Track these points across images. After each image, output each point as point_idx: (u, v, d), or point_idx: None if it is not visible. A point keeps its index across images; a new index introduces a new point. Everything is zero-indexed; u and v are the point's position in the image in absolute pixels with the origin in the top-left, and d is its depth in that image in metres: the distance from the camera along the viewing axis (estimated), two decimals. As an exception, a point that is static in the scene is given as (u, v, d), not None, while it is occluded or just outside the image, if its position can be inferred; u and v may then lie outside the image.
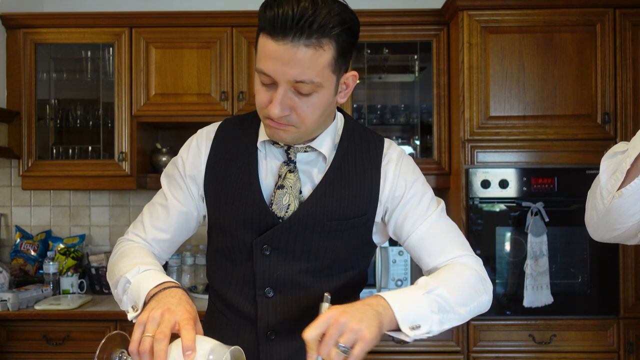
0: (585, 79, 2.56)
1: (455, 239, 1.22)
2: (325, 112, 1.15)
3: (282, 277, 1.20)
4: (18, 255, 3.03)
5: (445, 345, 2.54)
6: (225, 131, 1.27)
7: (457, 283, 1.12)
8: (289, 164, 1.21)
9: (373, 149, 1.25)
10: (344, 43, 1.08)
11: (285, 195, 1.19)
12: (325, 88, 1.10)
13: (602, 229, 1.15)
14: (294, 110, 1.10)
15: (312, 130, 1.17)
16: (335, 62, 1.09)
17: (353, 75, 1.17)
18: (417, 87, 3.02)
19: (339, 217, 1.19)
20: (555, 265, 2.52)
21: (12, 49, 2.88)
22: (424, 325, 1.03)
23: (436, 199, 1.26)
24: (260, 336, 1.21)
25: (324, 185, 1.19)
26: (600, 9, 2.55)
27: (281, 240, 1.18)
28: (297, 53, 1.04)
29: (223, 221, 1.23)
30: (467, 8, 2.56)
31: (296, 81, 1.06)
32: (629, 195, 1.03)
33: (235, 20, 2.82)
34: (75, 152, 2.94)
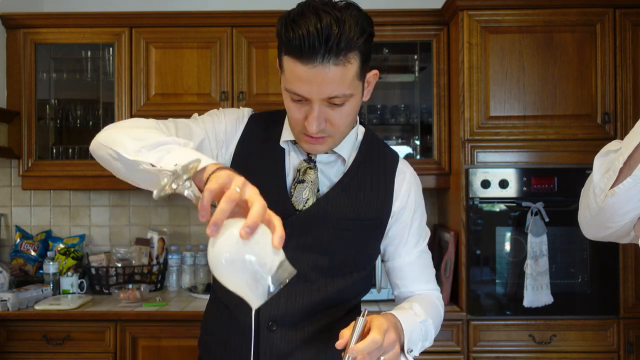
0: (585, 79, 2.56)
1: (431, 272, 1.36)
2: (355, 113, 1.19)
3: None
4: (18, 255, 3.03)
5: (445, 345, 2.54)
6: (258, 119, 1.32)
7: (436, 315, 1.28)
8: (309, 162, 1.26)
9: (389, 161, 1.31)
10: (367, 50, 1.12)
11: (306, 189, 1.23)
12: (355, 95, 1.14)
13: (595, 228, 1.15)
14: (329, 121, 1.14)
15: (346, 133, 1.23)
16: (361, 70, 1.13)
17: (374, 74, 1.20)
18: (417, 87, 3.02)
19: (353, 218, 1.23)
20: (555, 265, 2.52)
21: (12, 49, 2.88)
22: (415, 350, 1.17)
23: (426, 228, 1.37)
24: (261, 326, 1.22)
25: (341, 185, 1.24)
26: (600, 9, 2.55)
27: (294, 232, 1.20)
28: (329, 73, 1.06)
29: None
30: (467, 8, 2.56)
31: (329, 97, 1.10)
32: (622, 194, 1.03)
33: (235, 20, 2.82)
34: (75, 152, 2.94)
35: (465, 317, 2.53)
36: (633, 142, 1.00)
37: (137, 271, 2.90)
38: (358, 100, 1.17)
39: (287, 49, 1.08)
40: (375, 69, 1.20)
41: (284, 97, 1.16)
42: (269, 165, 1.26)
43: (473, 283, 2.55)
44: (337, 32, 1.04)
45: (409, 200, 1.30)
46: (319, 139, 1.17)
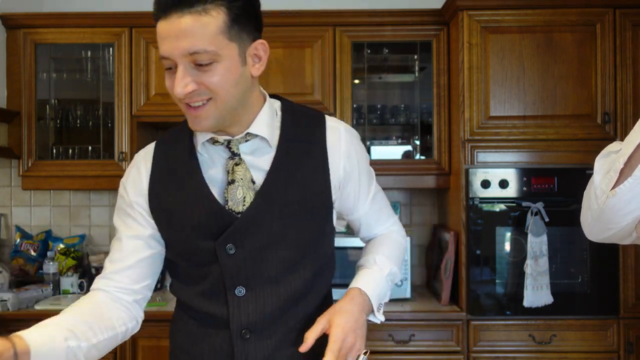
0: (585, 79, 2.56)
1: (387, 208, 1.39)
2: (238, 83, 1.10)
3: (251, 273, 1.17)
4: (18, 255, 3.03)
5: (445, 345, 2.54)
6: (162, 147, 1.25)
7: (399, 253, 1.35)
8: (233, 157, 1.18)
9: (315, 125, 1.24)
10: (237, 9, 1.06)
11: (238, 188, 1.16)
12: (225, 57, 1.06)
13: (597, 229, 1.14)
14: (201, 84, 1.07)
15: (232, 105, 1.12)
16: (229, 29, 1.06)
17: (261, 44, 1.13)
18: (417, 87, 3.02)
19: (296, 200, 1.18)
20: (555, 265, 2.52)
21: (12, 49, 2.88)
22: (384, 302, 1.26)
23: (371, 170, 1.35)
24: (234, 337, 1.18)
25: (274, 170, 1.18)
26: (600, 9, 2.55)
27: (244, 235, 1.16)
28: (182, 23, 1.03)
29: (179, 233, 1.20)
30: (467, 8, 2.56)
31: (190, 53, 1.04)
32: (623, 195, 1.03)
33: (235, 20, 2.82)
34: (75, 152, 2.94)
35: (465, 317, 2.53)
36: (633, 143, 1.00)
37: (137, 271, 2.89)
38: (234, 66, 1.08)
39: (156, 12, 1.06)
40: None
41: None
42: (189, 182, 1.18)
43: (473, 283, 2.55)
44: None
45: (351, 156, 1.25)
46: (199, 108, 1.09)
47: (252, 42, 1.12)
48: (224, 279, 1.17)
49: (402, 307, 2.60)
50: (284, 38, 2.83)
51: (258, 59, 1.14)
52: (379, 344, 2.53)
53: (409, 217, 3.20)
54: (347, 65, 2.81)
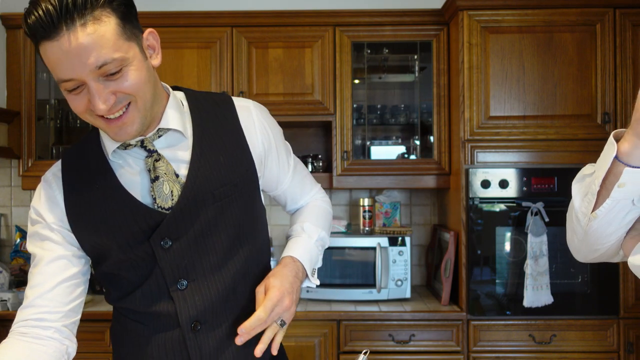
0: (585, 79, 2.56)
1: (308, 179, 1.43)
2: (149, 79, 1.08)
3: (191, 264, 1.16)
4: (18, 255, 3.03)
5: (445, 345, 2.54)
6: (70, 163, 1.20)
7: (326, 219, 1.40)
8: (151, 155, 1.15)
9: (225, 107, 1.23)
10: (120, 7, 1.02)
11: (164, 183, 1.14)
12: (131, 58, 1.03)
13: (584, 251, 1.17)
14: (118, 92, 1.03)
15: (151, 102, 1.09)
16: (124, 30, 1.02)
17: (150, 33, 1.10)
18: (417, 87, 3.02)
19: (225, 183, 1.17)
20: (555, 265, 2.52)
21: (12, 49, 2.88)
22: (316, 267, 1.32)
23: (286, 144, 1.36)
24: (185, 330, 1.16)
25: (196, 159, 1.16)
26: (600, 9, 2.55)
27: (177, 229, 1.14)
28: (80, 39, 0.96)
29: (109, 243, 1.16)
30: (467, 8, 2.56)
31: (98, 67, 0.99)
32: (603, 216, 1.05)
33: (235, 20, 2.82)
34: (75, 152, 2.93)
35: (465, 317, 2.53)
36: (605, 166, 1.01)
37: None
38: (141, 64, 1.05)
39: (35, 36, 0.98)
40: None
41: (63, 94, 1.04)
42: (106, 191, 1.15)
43: (473, 283, 2.55)
44: None
45: (267, 132, 1.26)
46: (122, 116, 1.05)
47: (143, 33, 1.09)
48: (164, 276, 1.16)
49: (402, 307, 2.60)
50: (284, 38, 2.83)
51: (152, 49, 1.11)
52: (379, 344, 2.53)
53: (409, 217, 3.20)
54: (347, 65, 2.81)
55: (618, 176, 0.99)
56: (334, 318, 2.54)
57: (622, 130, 1.01)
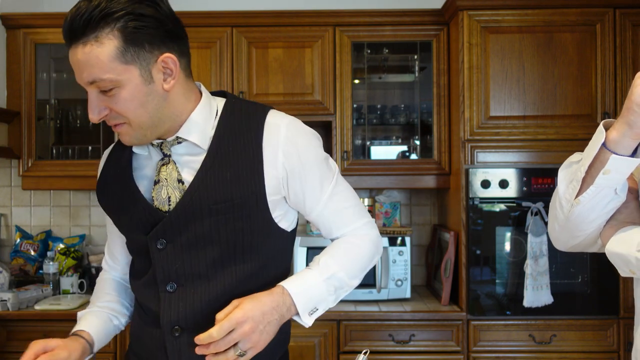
0: (585, 79, 2.56)
1: (352, 209, 1.28)
2: (146, 103, 1.11)
3: (181, 269, 1.18)
4: (18, 255, 3.03)
5: (445, 345, 2.54)
6: (114, 148, 1.32)
7: (354, 259, 1.24)
8: (163, 158, 1.20)
9: (254, 122, 1.20)
10: (132, 29, 1.05)
11: (162, 188, 1.18)
12: (125, 82, 1.07)
13: (564, 237, 1.18)
14: (112, 109, 1.11)
15: (148, 124, 1.13)
16: (124, 54, 1.05)
17: (169, 58, 1.11)
18: (417, 87, 3.02)
19: (225, 200, 1.16)
20: (555, 265, 2.52)
21: (12, 49, 2.88)
22: (321, 307, 1.20)
23: (330, 164, 1.27)
24: (165, 333, 1.19)
25: (203, 170, 1.17)
26: (600, 9, 2.55)
27: (172, 232, 1.17)
28: (78, 54, 1.06)
29: (121, 228, 1.29)
30: (467, 8, 2.56)
31: (90, 82, 1.07)
32: (586, 203, 1.07)
33: (235, 20, 2.82)
34: (75, 152, 2.94)
35: (465, 317, 2.53)
36: (592, 152, 1.05)
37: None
38: (136, 88, 1.08)
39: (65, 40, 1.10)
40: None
41: None
42: (121, 182, 1.24)
43: (473, 283, 2.55)
44: (83, 11, 1.03)
45: (290, 154, 1.19)
46: (117, 126, 1.14)
47: (159, 57, 1.10)
48: (156, 275, 1.20)
49: (402, 307, 2.60)
50: (284, 38, 2.83)
51: (170, 72, 1.12)
52: (379, 344, 2.53)
53: (409, 217, 3.20)
54: (347, 65, 2.81)
55: (604, 163, 1.02)
56: (333, 318, 2.54)
57: (611, 120, 1.05)
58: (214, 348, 1.06)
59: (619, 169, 1.02)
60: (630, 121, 0.98)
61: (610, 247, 1.08)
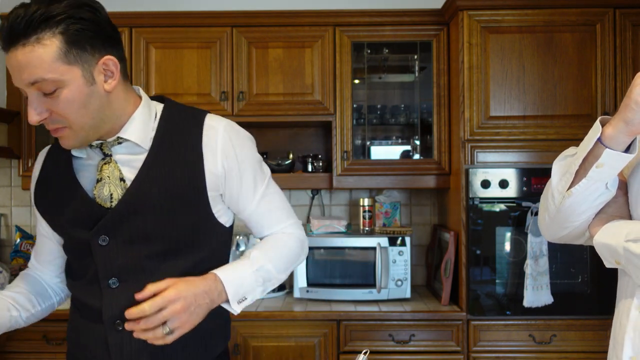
0: (585, 79, 2.56)
1: (281, 210, 1.37)
2: (88, 104, 1.15)
3: (124, 265, 1.22)
4: (18, 255, 3.03)
5: (445, 345, 2.54)
6: (50, 150, 1.34)
7: (282, 254, 1.32)
8: (104, 157, 1.24)
9: (193, 125, 1.27)
10: (74, 32, 1.09)
11: (105, 185, 1.22)
12: (68, 81, 1.11)
13: (553, 228, 1.22)
14: (52, 111, 1.13)
15: (89, 127, 1.17)
16: (66, 54, 1.09)
17: (109, 59, 1.16)
18: (417, 87, 3.02)
19: (167, 196, 1.21)
20: (555, 265, 2.52)
21: (12, 49, 2.88)
22: (249, 297, 1.25)
23: (263, 166, 1.36)
24: (107, 328, 1.22)
25: (145, 168, 1.22)
26: (600, 9, 2.55)
27: (115, 228, 1.21)
28: (19, 56, 1.08)
29: (60, 226, 1.29)
30: (467, 8, 2.56)
31: (31, 83, 1.09)
32: (578, 194, 1.11)
33: (235, 20, 2.82)
34: (75, 152, 2.93)
35: (465, 317, 2.53)
36: (587, 147, 1.07)
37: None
38: (79, 89, 1.12)
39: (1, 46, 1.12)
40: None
41: None
42: (63, 179, 1.27)
43: (473, 283, 2.55)
44: (22, 15, 1.06)
45: (230, 155, 1.27)
46: (57, 130, 1.16)
47: (100, 59, 1.15)
48: (97, 270, 1.23)
49: (402, 307, 2.60)
50: (284, 38, 2.83)
51: (111, 73, 1.17)
52: (379, 344, 2.53)
53: (409, 217, 3.20)
54: (347, 65, 2.82)
55: (598, 158, 1.05)
56: (334, 318, 2.54)
57: (607, 117, 1.08)
58: (144, 324, 1.09)
59: (611, 164, 1.05)
60: (627, 118, 1.02)
61: (599, 238, 1.11)
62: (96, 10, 1.14)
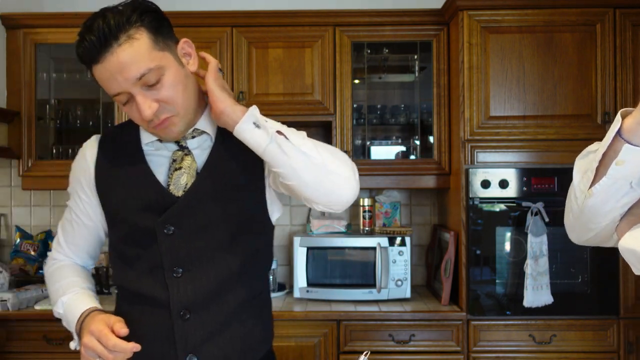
0: (585, 79, 2.56)
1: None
2: (187, 87, 1.21)
3: (188, 254, 1.24)
4: (18, 255, 3.02)
5: (445, 345, 2.54)
6: (107, 137, 1.36)
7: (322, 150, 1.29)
8: (182, 149, 1.28)
9: None
10: (151, 22, 1.17)
11: (183, 175, 1.26)
12: (167, 67, 1.17)
13: (579, 230, 1.14)
14: (161, 101, 1.17)
15: (192, 110, 1.24)
16: (156, 42, 1.16)
17: (184, 42, 1.25)
18: (417, 87, 3.02)
19: (232, 187, 1.26)
20: (555, 265, 2.52)
21: (12, 49, 2.88)
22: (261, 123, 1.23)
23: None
24: (174, 317, 1.23)
25: (212, 159, 1.27)
26: (600, 9, 2.55)
27: (182, 217, 1.24)
28: (119, 57, 1.12)
29: (123, 214, 1.28)
30: (467, 8, 2.56)
31: (138, 78, 1.13)
32: (599, 194, 1.01)
33: (235, 20, 2.82)
34: (75, 152, 2.90)
35: (465, 317, 2.53)
36: (606, 141, 0.98)
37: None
38: (177, 71, 1.19)
39: (86, 63, 1.15)
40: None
41: (121, 108, 1.23)
42: (133, 166, 1.28)
43: (473, 283, 2.55)
44: (103, 24, 1.11)
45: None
46: (165, 121, 1.19)
47: (177, 44, 1.23)
48: (162, 260, 1.24)
49: (402, 307, 2.60)
50: (284, 38, 2.83)
51: (188, 56, 1.25)
52: (379, 344, 2.53)
53: (409, 217, 3.20)
54: (347, 65, 2.81)
55: (618, 153, 0.96)
56: (334, 318, 2.54)
57: (630, 109, 0.98)
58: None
59: (633, 160, 0.95)
60: None
61: (624, 242, 1.01)
62: (151, 4, 1.22)
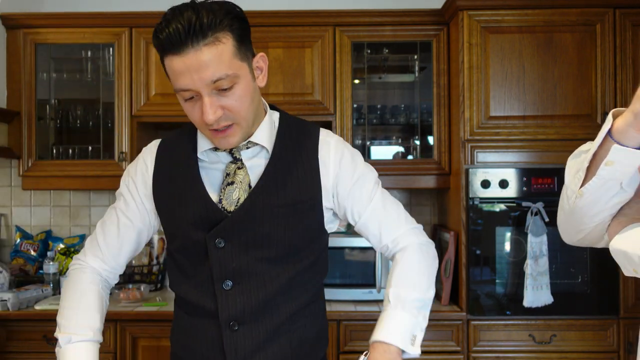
0: (585, 79, 2.56)
1: (396, 215, 1.35)
2: (253, 99, 1.21)
3: (238, 268, 1.24)
4: (18, 255, 3.03)
5: (445, 345, 2.54)
6: (166, 144, 1.35)
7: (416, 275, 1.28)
8: (235, 162, 1.27)
9: (309, 137, 1.32)
10: (238, 30, 1.15)
11: (235, 190, 1.25)
12: (242, 77, 1.16)
13: (570, 230, 1.13)
14: (226, 108, 1.16)
15: (252, 122, 1.23)
16: (239, 50, 1.15)
17: (261, 56, 1.23)
18: (417, 87, 3.02)
19: (286, 203, 1.25)
20: (555, 265, 2.52)
21: (12, 49, 2.88)
22: (418, 332, 1.23)
23: (376, 179, 1.38)
24: (223, 328, 1.24)
25: (267, 174, 1.26)
26: (600, 9, 2.55)
27: (233, 232, 1.23)
28: (202, 55, 1.10)
29: (176, 225, 1.29)
30: (467, 8, 2.56)
31: (213, 81, 1.12)
32: (589, 194, 1.01)
33: (235, 20, 2.82)
34: (75, 152, 2.94)
35: (465, 317, 2.53)
36: (597, 140, 0.99)
37: (137, 271, 2.90)
38: (249, 83, 1.18)
39: (164, 49, 1.13)
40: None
41: (180, 101, 1.19)
42: (186, 179, 1.28)
43: (473, 283, 2.55)
44: (195, 17, 1.09)
45: (342, 166, 1.31)
46: (226, 130, 1.19)
47: (255, 56, 1.22)
48: (212, 273, 1.24)
49: (402, 307, 2.60)
50: (284, 38, 2.83)
51: (260, 71, 1.23)
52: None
53: (409, 217, 3.19)
54: (347, 65, 2.81)
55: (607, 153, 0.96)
56: (334, 318, 2.54)
57: (621, 109, 0.97)
58: None
59: (622, 161, 0.95)
60: (637, 110, 0.90)
61: (615, 243, 1.00)
62: (241, 11, 1.19)
